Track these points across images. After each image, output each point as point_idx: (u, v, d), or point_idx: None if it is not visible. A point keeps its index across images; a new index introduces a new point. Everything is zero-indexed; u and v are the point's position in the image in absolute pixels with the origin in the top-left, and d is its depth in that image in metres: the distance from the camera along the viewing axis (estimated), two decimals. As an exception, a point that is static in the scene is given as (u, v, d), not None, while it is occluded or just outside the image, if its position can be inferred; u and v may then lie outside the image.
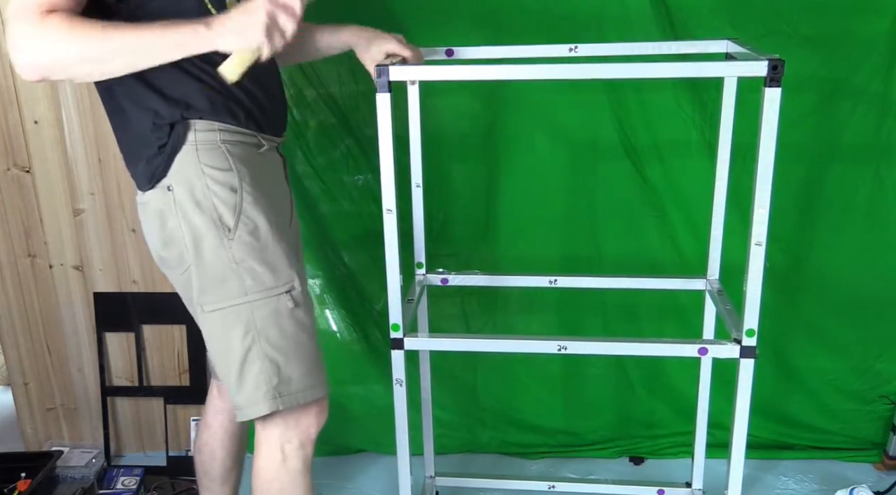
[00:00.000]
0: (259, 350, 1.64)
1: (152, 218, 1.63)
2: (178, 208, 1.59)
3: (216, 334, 1.66)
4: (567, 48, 2.03)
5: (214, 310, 1.63)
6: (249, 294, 1.62)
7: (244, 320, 1.63)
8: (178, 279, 1.68)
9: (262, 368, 1.64)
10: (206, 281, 1.61)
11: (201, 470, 2.09)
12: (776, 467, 2.65)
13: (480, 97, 2.40)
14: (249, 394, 1.66)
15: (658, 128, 2.40)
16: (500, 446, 2.76)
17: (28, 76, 1.42)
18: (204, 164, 1.59)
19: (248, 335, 1.63)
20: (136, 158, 1.61)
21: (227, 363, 1.66)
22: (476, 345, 1.99)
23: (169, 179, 1.59)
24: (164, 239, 1.63)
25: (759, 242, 1.67)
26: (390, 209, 1.75)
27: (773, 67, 1.55)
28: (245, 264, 1.61)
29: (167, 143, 1.57)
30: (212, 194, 1.59)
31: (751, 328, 1.73)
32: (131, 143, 1.62)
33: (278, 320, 1.65)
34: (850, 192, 2.44)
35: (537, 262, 2.54)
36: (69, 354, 2.68)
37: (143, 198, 1.64)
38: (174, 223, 1.60)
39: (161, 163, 1.58)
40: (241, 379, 1.65)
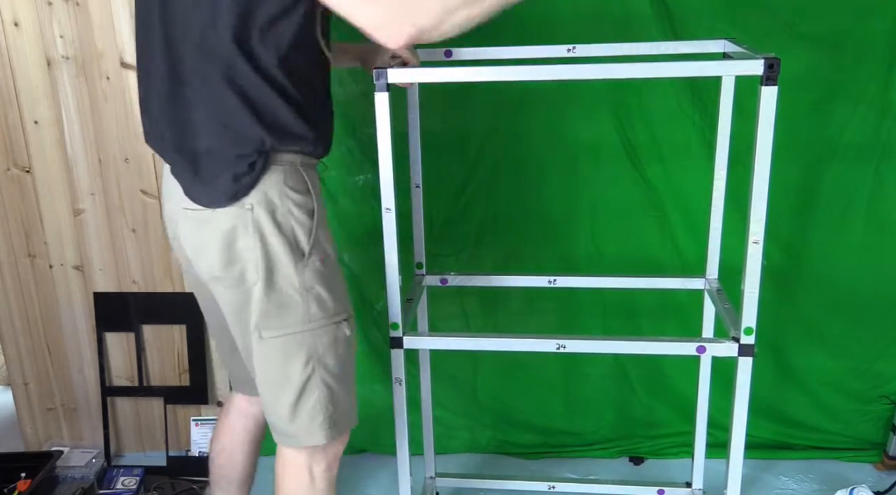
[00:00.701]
0: (318, 379, 1.64)
1: (215, 235, 1.57)
2: (254, 229, 1.55)
3: (274, 361, 1.63)
4: (565, 49, 2.03)
5: (276, 337, 1.61)
6: (313, 321, 1.61)
7: (306, 348, 1.62)
8: (232, 298, 1.63)
9: (320, 397, 1.65)
10: (272, 306, 1.59)
11: (219, 474, 2.05)
12: (776, 467, 2.65)
13: (480, 97, 2.40)
14: (305, 424, 1.66)
15: (658, 129, 2.40)
16: (500, 446, 2.76)
17: (400, 42, 1.46)
18: (287, 187, 1.57)
19: (308, 364, 1.63)
20: (217, 174, 1.54)
21: (282, 391, 1.65)
22: (475, 344, 1.99)
23: (251, 198, 1.54)
24: (229, 258, 1.57)
25: (756, 240, 1.67)
26: (389, 208, 1.75)
27: (770, 66, 1.56)
28: (314, 291, 1.61)
29: (257, 162, 1.54)
30: (292, 218, 1.57)
31: (749, 326, 1.73)
32: (216, 162, 1.55)
33: (336, 348, 1.66)
34: (849, 192, 2.44)
35: (537, 262, 2.55)
36: (69, 354, 2.68)
37: (209, 215, 1.57)
38: (246, 244, 1.56)
39: (249, 182, 1.54)
40: (297, 408, 1.65)
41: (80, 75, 2.38)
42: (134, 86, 2.38)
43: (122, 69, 2.37)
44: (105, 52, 2.35)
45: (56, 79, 2.38)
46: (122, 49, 2.35)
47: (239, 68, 1.49)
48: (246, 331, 1.64)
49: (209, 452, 2.07)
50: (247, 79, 1.50)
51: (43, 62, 2.37)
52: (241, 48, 1.48)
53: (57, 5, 2.31)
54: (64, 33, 2.34)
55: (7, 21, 2.32)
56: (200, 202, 1.57)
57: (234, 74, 1.49)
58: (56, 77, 2.38)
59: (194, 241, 1.62)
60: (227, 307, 1.66)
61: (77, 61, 2.36)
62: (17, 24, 2.32)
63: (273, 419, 1.70)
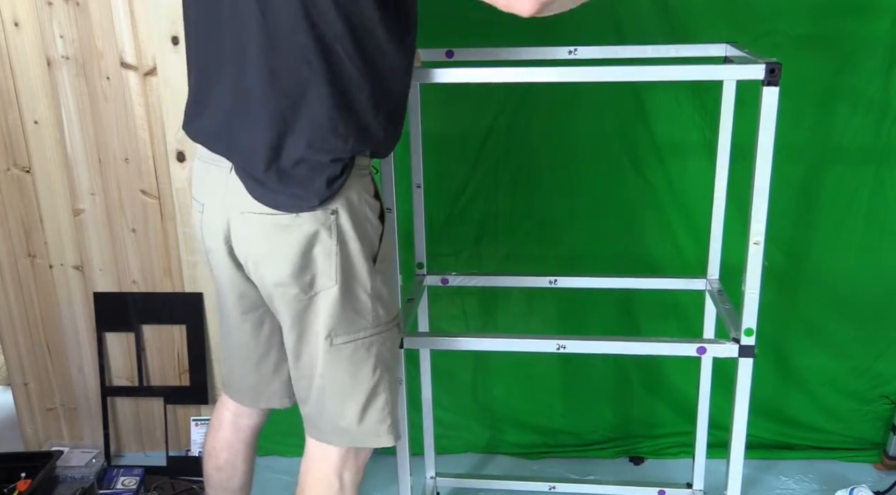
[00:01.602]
0: (386, 382, 1.65)
1: (294, 240, 1.51)
2: (337, 233, 1.52)
3: (343, 366, 1.61)
4: (567, 51, 2.03)
5: (347, 343, 1.59)
6: (380, 325, 1.62)
7: (375, 353, 1.62)
8: (294, 304, 1.58)
9: (387, 400, 1.65)
10: (346, 311, 1.57)
11: (220, 487, 2.01)
12: (776, 467, 2.65)
13: (480, 97, 2.40)
14: (372, 427, 1.66)
15: (658, 129, 2.40)
16: (500, 446, 2.76)
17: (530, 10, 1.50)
18: (363, 191, 1.56)
19: (377, 368, 1.63)
20: (310, 178, 1.49)
21: (350, 395, 1.63)
22: (475, 345, 1.99)
23: (337, 203, 1.51)
24: (303, 264, 1.53)
25: (757, 241, 1.67)
26: (390, 208, 1.75)
27: (771, 71, 1.56)
28: (381, 295, 1.61)
29: (347, 166, 1.51)
30: (367, 222, 1.56)
31: (749, 327, 1.73)
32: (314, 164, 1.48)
33: (394, 350, 1.67)
34: (850, 193, 2.44)
35: (537, 262, 2.55)
36: (69, 354, 2.68)
37: (289, 220, 1.51)
38: (325, 248, 1.52)
39: (340, 185, 1.50)
40: (365, 411, 1.64)
41: (80, 75, 2.38)
42: (134, 86, 2.38)
43: (122, 69, 2.37)
44: (105, 52, 2.35)
45: (56, 79, 2.38)
46: (122, 49, 2.35)
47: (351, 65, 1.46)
48: (307, 337, 1.60)
49: (205, 465, 2.01)
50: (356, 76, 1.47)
51: (43, 62, 2.36)
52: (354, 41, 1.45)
53: (57, 5, 2.31)
54: (64, 33, 2.33)
55: (7, 21, 2.32)
56: (282, 207, 1.50)
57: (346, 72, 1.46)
58: (56, 77, 2.38)
59: (263, 247, 1.55)
60: (288, 314, 1.60)
61: (77, 61, 2.36)
62: (17, 24, 2.32)
63: (338, 422, 1.67)
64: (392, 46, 1.51)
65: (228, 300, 1.76)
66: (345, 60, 1.45)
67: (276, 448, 2.66)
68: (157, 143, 2.43)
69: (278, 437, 2.61)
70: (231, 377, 1.91)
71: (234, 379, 1.91)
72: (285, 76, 1.45)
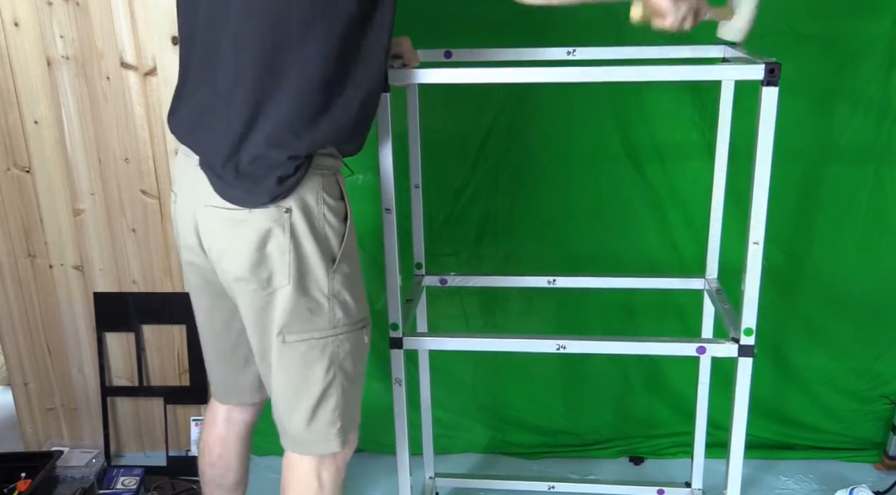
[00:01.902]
0: (338, 385, 1.64)
1: (248, 236, 1.54)
2: (290, 232, 1.54)
3: (295, 365, 1.62)
4: (565, 51, 2.03)
5: (299, 342, 1.60)
6: (338, 327, 1.61)
7: (329, 354, 1.62)
8: (254, 300, 1.60)
9: (338, 404, 1.65)
10: (299, 310, 1.58)
11: (214, 484, 2.03)
12: (776, 467, 2.65)
13: (480, 97, 2.40)
14: (322, 431, 1.67)
15: (658, 129, 2.40)
16: (500, 446, 2.76)
17: None
18: (324, 192, 1.56)
19: (330, 369, 1.62)
20: (263, 175, 1.51)
21: (300, 396, 1.64)
22: (475, 345, 1.99)
23: (290, 201, 1.53)
24: (258, 259, 1.55)
25: (756, 241, 1.67)
26: (389, 209, 1.75)
27: (770, 71, 1.56)
28: (340, 297, 1.60)
29: (302, 165, 1.52)
30: (326, 223, 1.57)
31: (749, 327, 1.73)
32: (265, 162, 1.51)
33: (354, 354, 1.66)
34: (849, 192, 2.44)
35: (537, 262, 2.55)
36: (69, 354, 2.68)
37: (244, 216, 1.54)
38: (278, 245, 1.54)
39: (291, 184, 1.52)
40: (315, 414, 1.65)
41: (80, 75, 2.38)
42: (134, 86, 2.38)
43: (122, 69, 2.37)
44: (105, 52, 2.35)
45: (56, 79, 2.38)
46: (122, 49, 2.35)
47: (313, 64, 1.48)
48: (265, 334, 1.62)
49: (199, 461, 2.03)
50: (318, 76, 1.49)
51: (43, 62, 2.36)
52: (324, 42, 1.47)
53: (57, 5, 2.31)
54: (64, 33, 2.33)
55: (7, 21, 2.32)
56: (236, 202, 1.54)
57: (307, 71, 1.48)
58: (56, 77, 2.38)
59: (223, 241, 1.58)
60: (249, 309, 1.63)
61: (77, 61, 2.36)
62: (17, 24, 2.32)
63: (287, 425, 1.69)
64: (365, 48, 1.53)
65: (198, 292, 1.80)
66: (313, 61, 1.48)
67: (276, 448, 2.62)
68: (157, 143, 2.43)
69: (278, 437, 2.61)
70: (209, 372, 1.95)
71: (211, 374, 1.95)
72: (253, 74, 1.49)
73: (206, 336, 1.89)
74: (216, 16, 1.52)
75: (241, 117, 1.51)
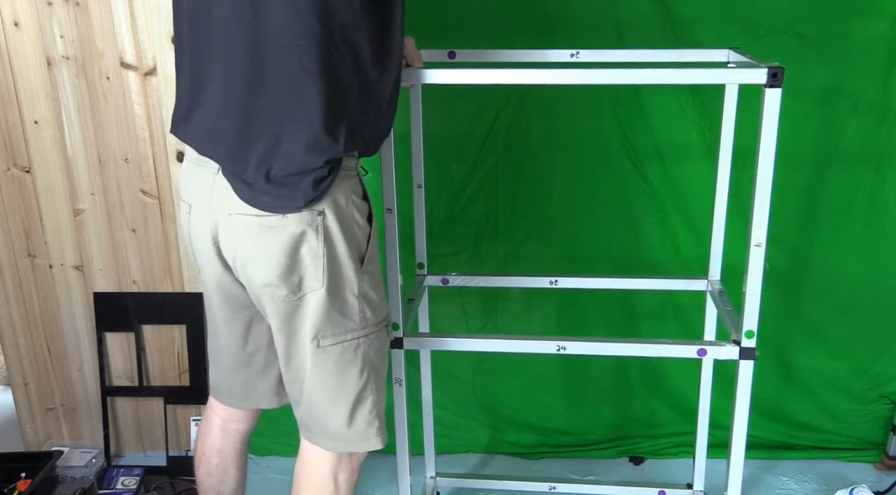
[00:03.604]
0: (373, 385, 1.64)
1: (281, 241, 1.52)
2: (323, 235, 1.52)
3: (331, 368, 1.61)
4: (569, 53, 2.03)
5: (333, 345, 1.59)
6: (367, 327, 1.61)
7: (361, 355, 1.61)
8: (282, 306, 1.58)
9: (375, 403, 1.65)
10: (332, 313, 1.57)
11: (212, 490, 2.02)
12: (777, 467, 2.65)
13: (481, 97, 2.40)
14: (362, 430, 1.66)
15: (659, 129, 2.40)
16: (500, 446, 2.76)
17: None
18: (352, 192, 1.56)
19: (364, 370, 1.63)
20: (297, 179, 1.48)
21: (338, 398, 1.63)
22: (475, 345, 1.99)
23: (323, 203, 1.51)
24: (289, 265, 1.53)
25: (758, 244, 1.67)
26: (390, 209, 1.75)
27: (773, 75, 1.55)
28: (368, 296, 1.60)
29: (335, 167, 1.51)
30: (355, 224, 1.56)
31: (750, 329, 1.73)
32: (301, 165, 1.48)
33: (382, 352, 1.66)
34: (849, 193, 2.44)
35: (537, 263, 2.54)
36: (69, 354, 2.68)
37: (276, 221, 1.51)
38: (311, 249, 1.52)
39: (326, 186, 1.50)
40: (354, 414, 1.64)
41: (80, 75, 2.37)
42: (134, 86, 2.38)
43: (122, 69, 2.36)
44: (105, 52, 2.35)
45: (56, 79, 2.38)
46: (122, 49, 2.34)
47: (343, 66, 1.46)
48: (295, 339, 1.60)
49: (196, 470, 2.02)
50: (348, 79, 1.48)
51: (43, 62, 2.36)
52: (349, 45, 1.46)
53: (57, 5, 2.30)
54: (64, 33, 2.33)
55: (7, 21, 2.32)
56: (268, 208, 1.50)
57: (339, 74, 1.46)
58: (56, 77, 2.37)
59: (251, 248, 1.55)
60: (277, 315, 1.60)
61: (77, 61, 2.36)
62: (17, 24, 2.32)
63: (327, 426, 1.67)
64: (380, 45, 1.52)
65: (216, 301, 1.77)
66: (335, 60, 1.46)
67: (276, 448, 2.66)
68: (157, 143, 2.43)
69: (278, 437, 2.61)
70: (219, 379, 1.91)
71: (222, 380, 1.91)
72: (276, 78, 1.46)
73: (225, 345, 1.85)
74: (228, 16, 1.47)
75: (266, 123, 1.48)
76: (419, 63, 1.89)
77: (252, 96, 1.48)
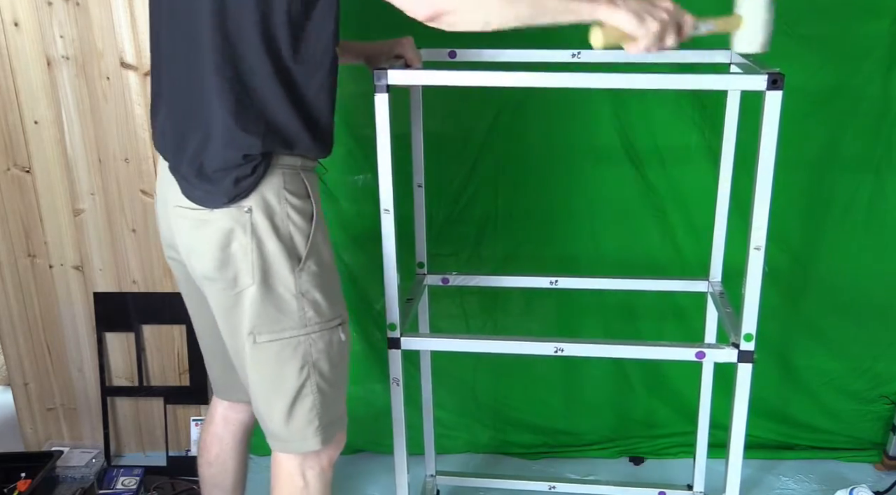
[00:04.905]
0: (313, 384, 1.64)
1: (212, 236, 1.56)
2: (252, 232, 1.55)
3: (268, 366, 1.63)
4: (570, 54, 2.02)
5: (270, 342, 1.60)
6: (309, 326, 1.61)
7: (301, 353, 1.62)
8: (221, 300, 1.62)
9: (314, 403, 1.65)
10: (267, 310, 1.58)
11: (211, 483, 2.04)
12: (777, 467, 2.65)
13: (481, 97, 2.40)
14: (299, 429, 1.66)
15: (659, 130, 2.40)
16: (500, 446, 2.77)
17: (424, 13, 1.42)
18: (287, 191, 1.57)
19: (303, 369, 1.62)
20: (220, 177, 1.53)
21: (276, 396, 1.64)
22: (473, 346, 1.99)
23: (250, 201, 1.54)
24: (222, 259, 1.56)
25: (758, 247, 1.66)
26: (388, 209, 1.75)
27: (773, 81, 1.55)
28: (309, 295, 1.60)
29: (260, 165, 1.53)
30: (290, 222, 1.57)
31: (749, 332, 1.72)
32: (219, 163, 1.53)
33: (330, 353, 1.65)
34: (849, 193, 2.44)
35: (537, 263, 2.54)
36: (69, 354, 2.68)
37: (206, 216, 1.56)
38: (241, 245, 1.55)
39: (249, 185, 1.53)
40: (291, 413, 1.65)
41: (80, 75, 2.37)
42: (134, 86, 2.38)
43: (122, 69, 2.36)
44: (105, 52, 2.35)
45: (56, 79, 2.38)
46: (122, 49, 2.34)
47: (258, 64, 1.49)
48: (237, 334, 1.63)
49: (198, 461, 2.05)
50: (264, 75, 1.50)
51: (43, 62, 2.36)
52: (264, 42, 1.48)
53: (57, 5, 2.30)
54: (64, 33, 2.33)
55: (7, 21, 2.32)
56: (199, 202, 1.56)
57: (253, 70, 1.49)
58: (56, 77, 2.37)
59: (189, 241, 1.61)
60: (218, 309, 1.65)
61: (77, 61, 2.36)
62: (17, 24, 2.32)
63: (267, 424, 1.70)
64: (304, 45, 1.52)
65: (185, 292, 1.84)
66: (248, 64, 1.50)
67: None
68: (157, 144, 2.43)
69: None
70: (209, 370, 1.98)
71: (210, 372, 1.98)
72: (201, 78, 1.52)
73: (200, 334, 1.93)
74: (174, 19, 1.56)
75: (199, 119, 1.54)
76: (418, 64, 1.89)
77: (188, 95, 1.55)
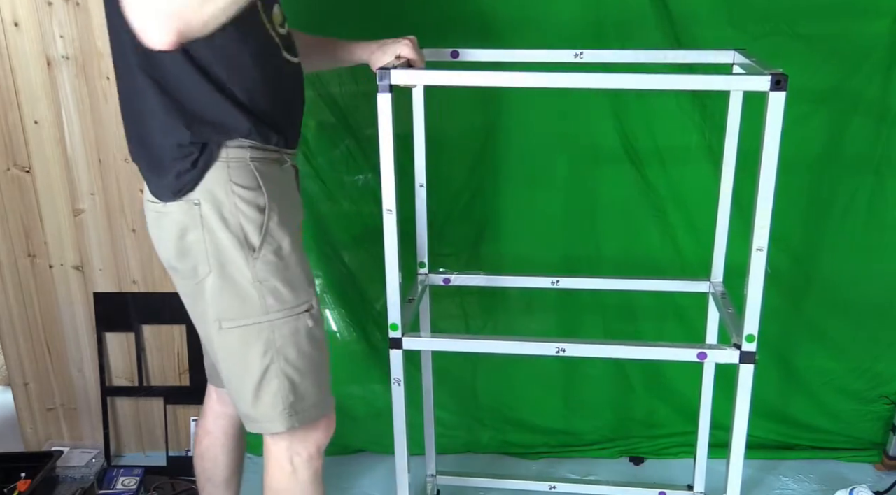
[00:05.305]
0: (277, 368, 1.65)
1: (170, 228, 1.61)
2: (203, 224, 1.58)
3: (233, 351, 1.66)
4: (572, 54, 2.02)
5: (233, 328, 1.63)
6: (270, 313, 1.63)
7: (264, 339, 1.63)
8: (186, 288, 1.67)
9: (280, 386, 1.66)
10: (227, 298, 1.61)
11: (204, 477, 2.07)
12: (777, 467, 2.65)
13: (482, 97, 2.40)
14: (265, 411, 1.68)
15: (659, 130, 2.40)
16: (500, 446, 2.76)
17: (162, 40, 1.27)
18: (233, 183, 1.58)
19: (267, 354, 1.64)
20: (163, 171, 1.58)
21: (243, 380, 1.67)
22: (474, 346, 1.99)
23: (196, 195, 1.57)
24: (181, 250, 1.61)
25: (760, 247, 1.66)
26: (390, 209, 1.75)
27: (776, 82, 1.54)
28: (268, 283, 1.62)
29: (199, 159, 1.56)
30: (239, 213, 1.58)
31: (750, 333, 1.72)
32: (159, 157, 1.58)
33: (297, 339, 1.67)
34: (850, 193, 2.44)
35: (538, 263, 2.54)
36: (69, 354, 2.68)
37: (163, 208, 1.61)
38: (196, 237, 1.59)
39: (192, 178, 1.56)
40: (258, 395, 1.67)
41: (80, 75, 2.37)
42: (134, 86, 2.38)
43: (122, 69, 2.36)
44: (105, 52, 2.34)
45: (56, 79, 2.37)
46: (122, 49, 2.34)
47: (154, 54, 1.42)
48: (204, 321, 1.67)
49: (193, 456, 2.09)
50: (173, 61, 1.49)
51: (43, 62, 2.36)
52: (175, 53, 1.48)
53: (57, 5, 2.30)
54: (64, 33, 2.33)
55: (7, 21, 2.31)
56: (155, 195, 1.62)
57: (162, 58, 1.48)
58: (56, 77, 2.37)
59: (154, 232, 1.67)
60: (185, 298, 1.70)
61: (77, 61, 2.36)
62: (17, 24, 2.32)
63: (239, 404, 1.73)
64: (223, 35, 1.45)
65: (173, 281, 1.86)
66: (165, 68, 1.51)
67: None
68: (157, 144, 2.43)
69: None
70: (204, 356, 2.00)
71: (205, 358, 2.00)
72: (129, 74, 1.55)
73: None
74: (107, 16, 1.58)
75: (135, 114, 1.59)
76: (421, 64, 1.88)
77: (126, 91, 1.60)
